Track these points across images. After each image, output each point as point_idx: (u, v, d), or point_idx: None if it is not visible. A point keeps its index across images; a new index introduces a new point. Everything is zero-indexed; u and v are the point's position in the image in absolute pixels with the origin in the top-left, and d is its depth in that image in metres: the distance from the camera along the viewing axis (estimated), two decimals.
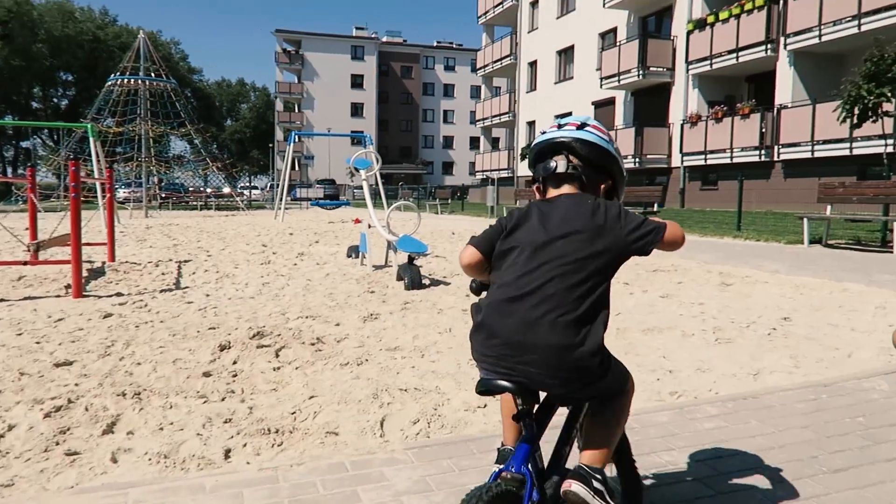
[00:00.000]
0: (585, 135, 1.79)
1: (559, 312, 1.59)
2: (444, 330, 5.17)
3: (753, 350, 4.41)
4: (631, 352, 4.43)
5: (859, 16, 17.29)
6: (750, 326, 5.13)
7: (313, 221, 22.11)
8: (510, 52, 38.12)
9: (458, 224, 19.56)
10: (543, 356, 1.57)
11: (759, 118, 20.59)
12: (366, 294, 6.94)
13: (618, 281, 7.59)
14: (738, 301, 6.31)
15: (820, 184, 11.03)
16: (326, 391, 3.59)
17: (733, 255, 9.67)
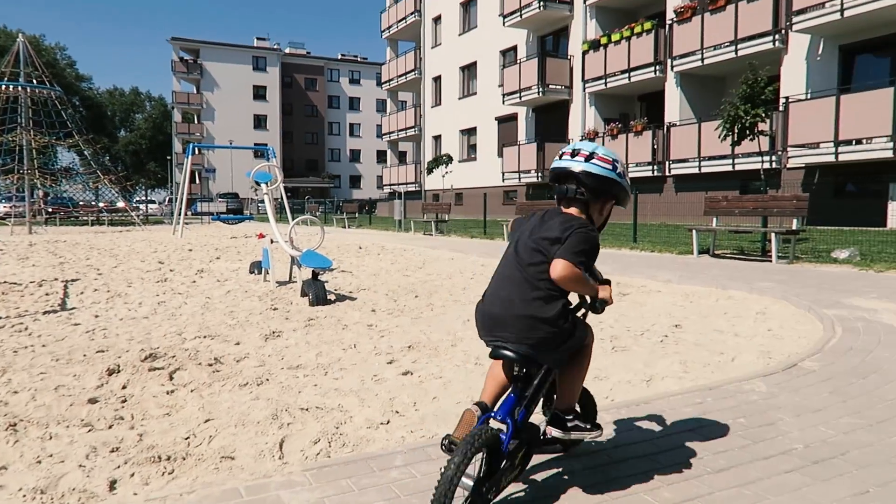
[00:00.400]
0: (591, 167, 2.27)
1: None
2: (348, 346, 5.11)
3: (647, 357, 4.60)
4: None
5: (736, 41, 18.60)
6: (644, 334, 5.36)
7: (214, 237, 21.36)
8: (415, 67, 38.44)
9: (365, 238, 19.43)
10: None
11: (651, 135, 21.70)
12: (268, 311, 6.76)
13: None
14: (634, 310, 6.58)
15: (706, 197, 11.72)
16: (223, 414, 3.45)
17: (630, 265, 10.10)
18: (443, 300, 7.45)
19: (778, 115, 17.08)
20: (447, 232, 20.81)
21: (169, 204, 52.13)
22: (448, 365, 4.49)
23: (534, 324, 2.15)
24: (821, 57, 17.15)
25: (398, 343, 5.18)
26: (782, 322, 5.78)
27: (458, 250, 14.11)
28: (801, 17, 16.30)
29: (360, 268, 11.12)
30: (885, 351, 4.46)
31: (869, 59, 16.60)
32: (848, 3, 15.20)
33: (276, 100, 72.16)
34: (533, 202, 17.79)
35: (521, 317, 2.16)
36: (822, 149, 15.86)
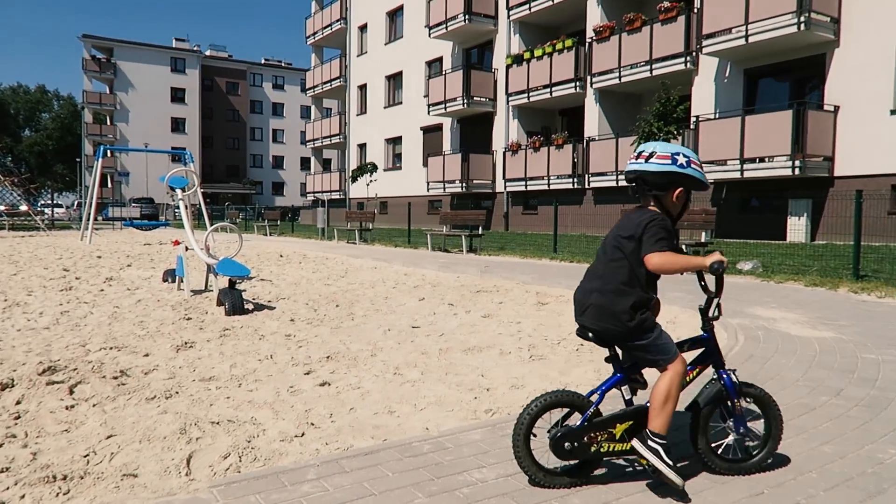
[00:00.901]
0: (650, 166, 2.52)
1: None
2: (264, 357, 4.98)
3: (563, 366, 4.70)
4: (451, 371, 4.54)
5: (651, 61, 19.42)
6: (561, 343, 5.48)
7: (126, 243, 20.44)
8: (340, 75, 38.17)
9: (287, 246, 19.06)
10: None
11: (572, 149, 22.32)
12: (181, 321, 6.52)
13: (443, 302, 7.80)
14: (552, 319, 6.72)
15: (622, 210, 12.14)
16: (127, 429, 3.29)
17: (549, 275, 10.31)
18: (364, 310, 7.39)
19: (689, 133, 17.92)
20: (371, 241, 20.70)
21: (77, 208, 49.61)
22: (367, 375, 4.45)
23: (602, 313, 2.49)
24: (728, 79, 18.12)
25: (316, 353, 5.10)
26: (692, 330, 6.02)
27: (381, 259, 14.05)
28: (710, 41, 17.19)
29: (281, 276, 10.90)
30: (783, 358, 4.72)
31: (771, 83, 17.67)
32: (752, 30, 16.14)
33: (196, 103, 70.02)
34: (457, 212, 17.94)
35: (595, 305, 2.52)
36: (729, 165, 16.73)
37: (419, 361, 4.83)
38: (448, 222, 17.27)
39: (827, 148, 15.63)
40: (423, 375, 4.44)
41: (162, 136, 66.66)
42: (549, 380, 4.30)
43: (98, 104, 64.74)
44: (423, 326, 6.33)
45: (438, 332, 6.03)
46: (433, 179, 27.86)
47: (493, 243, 17.58)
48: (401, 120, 33.00)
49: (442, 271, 11.82)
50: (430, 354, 5.06)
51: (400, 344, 5.50)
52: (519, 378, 4.34)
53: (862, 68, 15.22)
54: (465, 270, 11.50)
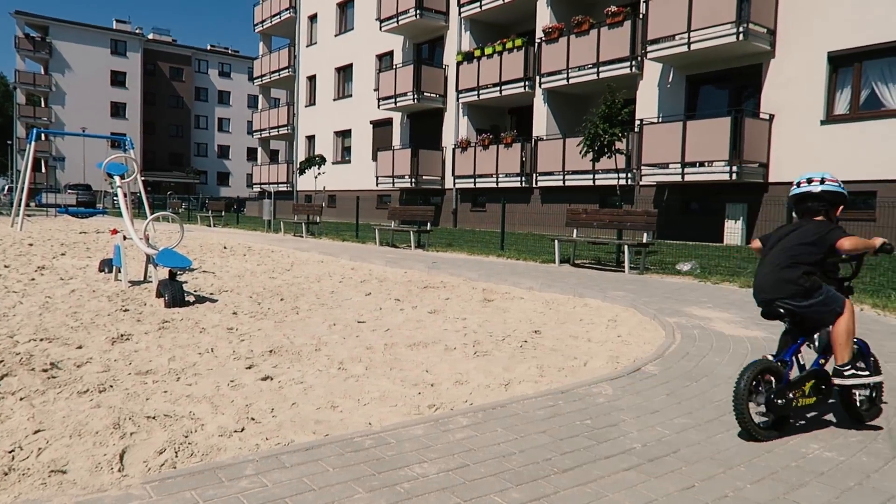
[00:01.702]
0: (829, 187, 3.36)
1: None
2: (205, 350, 4.88)
3: (507, 362, 4.75)
4: (396, 367, 4.54)
5: (598, 64, 19.77)
6: (505, 339, 5.54)
7: (61, 231, 19.65)
8: (288, 65, 37.53)
9: (231, 238, 18.66)
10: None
11: (521, 147, 22.52)
12: (118, 313, 6.32)
13: (389, 297, 7.78)
14: (497, 316, 6.78)
15: (568, 210, 12.33)
16: (57, 424, 3.17)
17: (496, 272, 10.41)
18: (309, 304, 7.31)
19: (633, 136, 18.32)
20: (318, 234, 20.45)
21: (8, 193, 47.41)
22: (310, 370, 4.40)
23: (782, 284, 3.25)
24: (671, 85, 18.60)
25: (259, 347, 5.02)
26: (630, 329, 6.18)
27: (328, 253, 13.91)
28: (655, 47, 17.60)
29: (224, 269, 10.67)
30: (716, 356, 4.88)
31: (711, 90, 18.21)
32: (694, 37, 16.60)
33: (137, 88, 67.72)
34: (406, 207, 17.89)
35: (776, 281, 3.28)
36: (671, 169, 17.18)
37: (364, 356, 4.81)
38: (396, 217, 17.21)
39: (762, 154, 16.22)
40: (367, 370, 4.42)
41: (101, 121, 64.24)
42: (493, 375, 4.34)
43: (32, 85, 61.87)
44: (369, 321, 6.30)
45: (384, 327, 6.02)
46: (382, 174, 27.71)
47: (441, 240, 17.61)
48: (350, 113, 32.68)
49: (389, 266, 11.78)
50: (375, 349, 5.05)
51: (345, 339, 5.46)
52: (463, 374, 4.36)
53: (795, 79, 15.84)
54: (413, 266, 11.49)
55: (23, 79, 61.54)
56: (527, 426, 3.22)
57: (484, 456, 2.83)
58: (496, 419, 3.30)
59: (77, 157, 60.07)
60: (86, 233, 19.11)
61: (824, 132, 15.38)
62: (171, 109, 72.21)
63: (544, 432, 3.14)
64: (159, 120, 71.47)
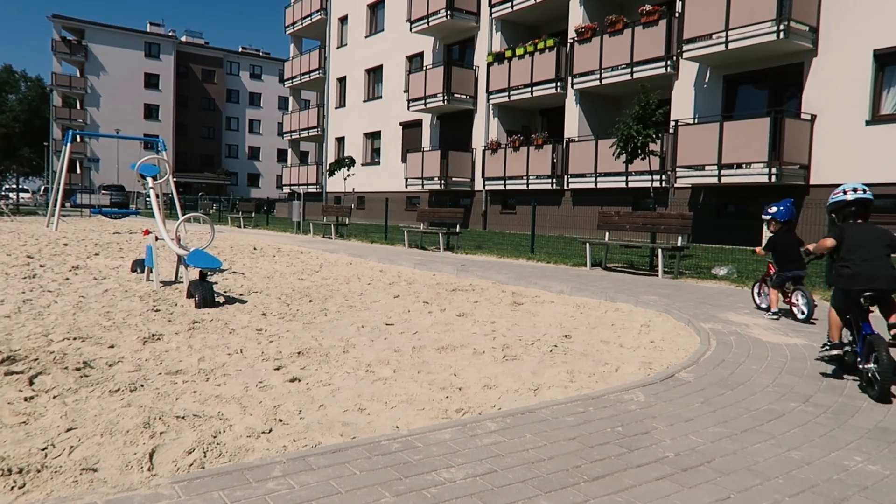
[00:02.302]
0: (870, 195, 4.29)
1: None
2: (234, 351, 4.94)
3: (536, 366, 4.73)
4: (424, 370, 4.54)
5: (632, 64, 19.58)
6: (535, 344, 5.51)
7: (95, 231, 20.11)
8: (319, 66, 37.89)
9: (261, 239, 18.89)
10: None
11: (552, 149, 22.41)
12: (149, 313, 6.44)
13: (418, 300, 7.80)
14: (527, 319, 6.75)
15: (600, 212, 12.22)
16: (89, 422, 3.24)
17: (526, 275, 10.36)
18: (338, 305, 7.36)
19: (668, 137, 18.10)
20: (347, 236, 20.60)
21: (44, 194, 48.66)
22: (338, 372, 4.43)
23: (892, 280, 4.12)
24: (707, 85, 18.34)
25: (287, 349, 5.07)
26: (664, 334, 6.10)
27: (357, 255, 14.00)
28: (691, 46, 17.37)
29: (254, 270, 10.81)
30: (753, 363, 4.79)
31: (749, 90, 17.91)
32: (732, 36, 16.34)
33: (170, 90, 69.03)
34: (435, 209, 17.91)
35: (889, 276, 4.13)
36: (707, 171, 16.93)
37: (392, 359, 4.83)
38: (425, 219, 17.25)
39: (803, 156, 15.89)
40: (395, 373, 4.43)
41: (134, 123, 65.62)
42: (522, 380, 4.32)
43: (68, 87, 63.48)
44: (397, 324, 6.32)
45: (412, 329, 6.03)
46: (411, 176, 27.81)
47: (470, 242, 17.61)
48: (380, 114, 32.87)
49: (418, 269, 11.81)
50: (402, 352, 5.06)
51: (373, 341, 5.48)
52: (491, 378, 4.35)
53: (839, 78, 15.49)
54: (442, 269, 11.50)
55: (59, 81, 63.15)
56: (556, 432, 3.19)
57: (512, 462, 2.81)
58: (525, 425, 3.28)
59: (111, 159, 61.45)
60: (119, 233, 19.54)
61: (869, 133, 15.01)
62: (202, 111, 73.45)
63: (574, 439, 3.11)
64: (191, 121, 72.73)
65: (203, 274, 7.32)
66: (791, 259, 6.76)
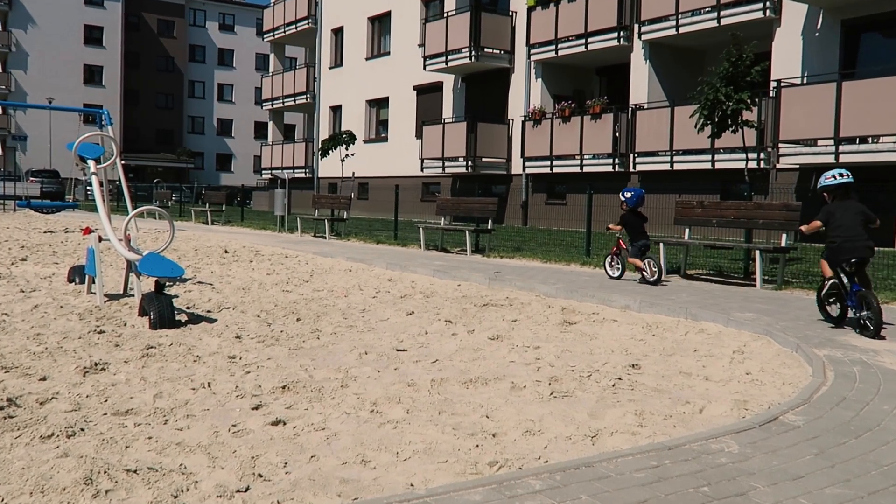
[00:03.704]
0: (851, 179, 7.49)
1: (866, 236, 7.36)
2: (200, 385, 4.99)
3: (594, 406, 4.71)
4: (447, 410, 4.55)
5: (719, 6, 19.44)
6: (592, 376, 5.49)
7: (21, 230, 20.45)
8: (308, 14, 38.18)
9: (234, 239, 19.07)
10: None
11: (613, 120, 22.34)
12: (91, 335, 6.54)
13: (438, 318, 7.81)
14: (581, 344, 6.73)
15: (678, 202, 12.15)
16: (14, 477, 3.29)
17: (580, 286, 10.32)
18: (334, 325, 7.40)
19: (767, 103, 17.93)
20: (346, 234, 20.71)
21: None
22: (335, 412, 4.45)
23: (870, 249, 7.15)
24: (819, 32, 18.14)
25: (269, 382, 5.11)
26: (763, 364, 6.04)
27: (358, 259, 14.06)
28: None
29: (225, 279, 10.90)
30: (885, 403, 4.72)
31: (877, 39, 17.68)
32: None
33: (117, 47, 70.01)
34: (460, 199, 17.96)
35: (867, 247, 7.14)
36: (820, 147, 16.76)
37: (404, 396, 4.84)
38: (448, 213, 17.30)
39: None
40: (408, 414, 4.44)
41: (71, 90, 66.63)
42: (576, 424, 4.31)
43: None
44: (411, 349, 6.34)
45: (431, 357, 6.04)
46: (429, 156, 27.90)
47: (506, 242, 17.60)
48: (387, 76, 33.03)
49: (438, 277, 11.82)
50: (418, 387, 5.07)
51: (380, 372, 5.50)
52: (535, 421, 4.34)
53: None
54: (469, 277, 11.51)
55: None
56: (621, 493, 3.18)
57: None
58: (580, 483, 3.27)
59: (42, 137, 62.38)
60: (52, 232, 19.84)
61: None
62: (159, 74, 74.39)
63: (645, 502, 3.09)
64: (144, 87, 73.67)
65: (160, 285, 7.41)
66: (639, 232, 11.21)
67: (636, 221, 11.34)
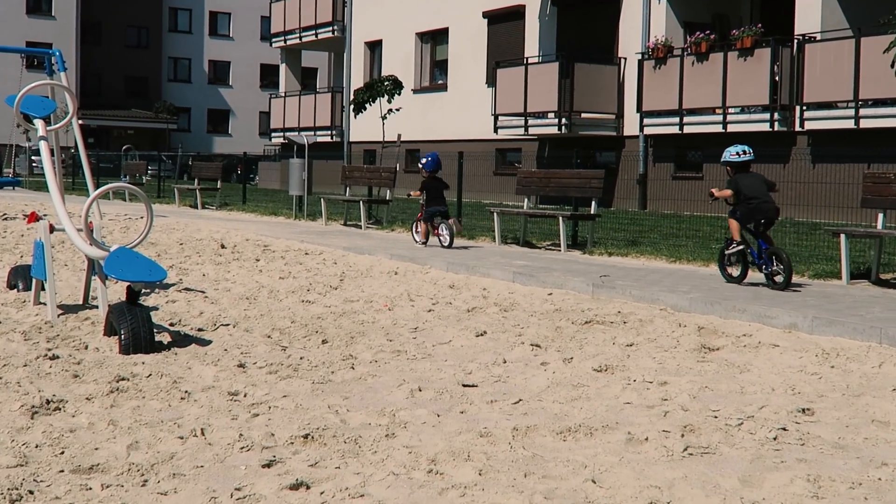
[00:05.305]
0: (753, 156, 11.52)
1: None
2: (190, 432, 5.04)
3: (747, 468, 4.64)
4: (535, 471, 4.52)
5: None
6: (744, 424, 5.41)
7: None
8: None
9: (234, 228, 19.26)
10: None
11: (770, 57, 21.99)
12: (41, 361, 6.65)
13: (521, 340, 7.79)
14: (727, 379, 6.64)
15: (867, 175, 11.93)
16: None
17: (722, 295, 10.19)
18: (374, 350, 7.42)
19: None
20: (389, 223, 20.78)
21: None
22: (377, 473, 4.46)
23: (776, 210, 11.32)
24: None
25: (285, 429, 5.13)
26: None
27: (407, 257, 14.10)
28: None
29: (222, 285, 11.03)
30: None
31: None
32: None
33: None
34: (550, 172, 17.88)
35: (775, 208, 11.27)
36: None
37: (475, 450, 4.83)
38: (533, 191, 17.26)
39: None
40: (481, 477, 4.43)
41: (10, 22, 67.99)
42: (722, 493, 4.26)
43: None
44: (484, 385, 6.33)
45: (512, 396, 6.03)
46: (506, 111, 27.86)
47: (616, 233, 17.49)
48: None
49: (520, 282, 11.80)
50: (495, 438, 5.06)
51: (440, 416, 5.50)
52: (663, 489, 4.30)
53: None
54: (565, 282, 11.47)
55: None
56: None
57: None
58: None
59: None
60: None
61: None
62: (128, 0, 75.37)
63: None
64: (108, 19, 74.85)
65: (134, 293, 7.46)
66: (435, 198, 15.84)
67: (435, 187, 16.09)
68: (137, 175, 36.11)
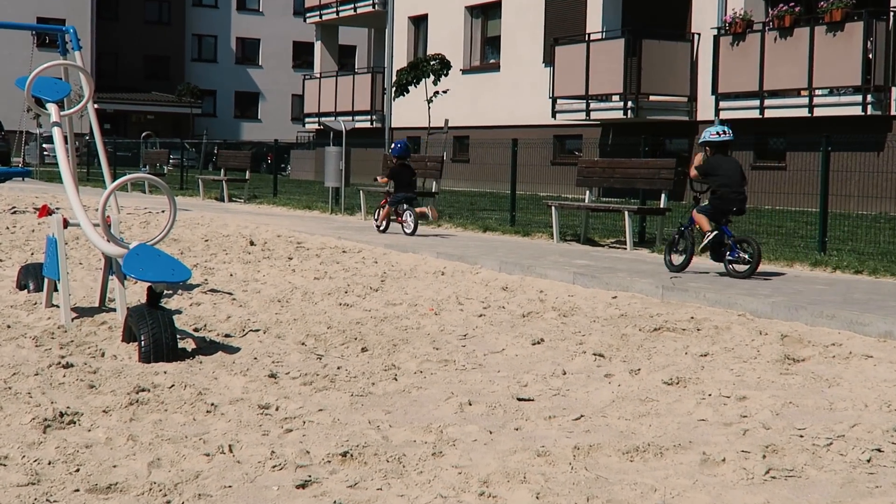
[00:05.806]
0: (732, 136, 12.96)
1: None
2: (216, 449, 5.07)
3: (838, 493, 4.60)
4: (600, 495, 4.51)
5: None
6: (833, 444, 5.37)
7: None
8: None
9: (264, 224, 19.34)
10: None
11: (863, 31, 21.80)
12: (54, 370, 6.71)
13: (582, 349, 7.78)
14: (815, 393, 6.60)
15: None
16: None
17: (809, 299, 10.11)
18: (419, 360, 7.43)
19: None
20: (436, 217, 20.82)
21: None
22: (423, 495, 4.46)
23: (746, 197, 13.05)
24: None
25: (321, 446, 5.15)
26: None
27: (456, 255, 14.11)
28: None
29: (252, 286, 11.08)
30: None
31: None
32: None
33: None
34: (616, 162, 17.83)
35: (745, 197, 13.03)
36: None
37: (532, 471, 4.83)
38: (595, 183, 17.24)
39: None
40: (538, 500, 4.42)
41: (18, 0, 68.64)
42: None
43: None
44: (541, 399, 6.33)
45: (572, 411, 6.02)
46: (565, 93, 27.83)
47: None
48: None
49: (581, 284, 11.78)
50: (554, 457, 5.05)
51: (492, 433, 5.50)
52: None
53: None
54: (631, 284, 11.45)
55: None
56: None
57: None
58: None
59: None
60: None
61: None
62: None
63: None
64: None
65: (155, 294, 7.52)
66: (404, 184, 18.29)
67: (404, 173, 18.53)
68: (158, 164, 36.34)
